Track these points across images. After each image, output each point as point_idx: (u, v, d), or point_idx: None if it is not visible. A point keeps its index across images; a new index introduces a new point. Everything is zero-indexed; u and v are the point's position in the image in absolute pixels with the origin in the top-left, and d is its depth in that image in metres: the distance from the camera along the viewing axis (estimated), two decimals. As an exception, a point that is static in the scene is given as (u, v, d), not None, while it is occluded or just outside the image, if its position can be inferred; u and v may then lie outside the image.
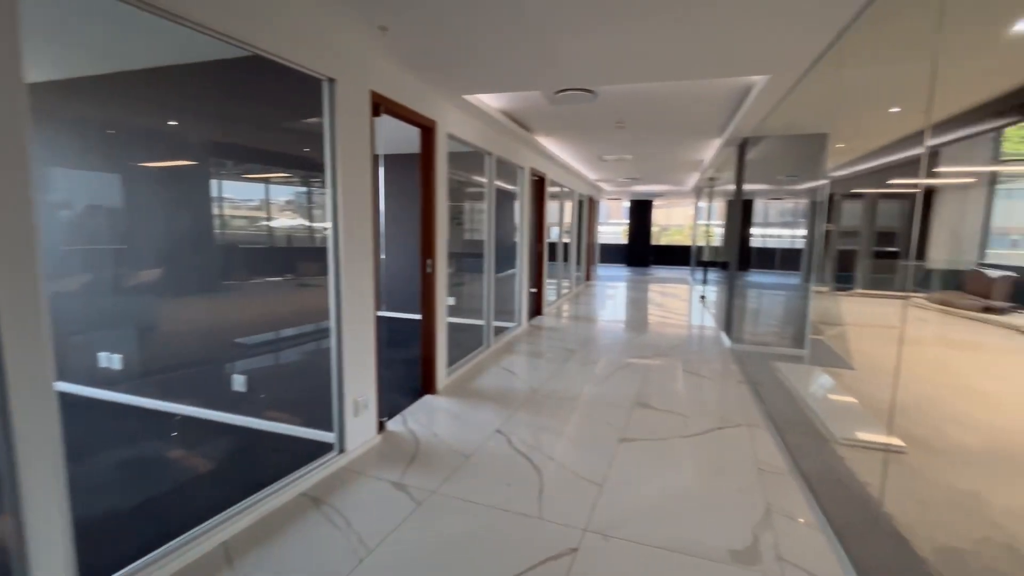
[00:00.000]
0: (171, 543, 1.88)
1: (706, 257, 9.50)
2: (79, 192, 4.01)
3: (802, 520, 2.20)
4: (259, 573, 1.83)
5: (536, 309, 6.85)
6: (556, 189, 7.99)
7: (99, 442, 3.05)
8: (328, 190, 2.50)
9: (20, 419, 1.37)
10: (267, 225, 5.01)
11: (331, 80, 2.42)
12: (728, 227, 6.18)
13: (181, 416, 3.40)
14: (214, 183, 4.18)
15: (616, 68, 3.03)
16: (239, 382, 3.44)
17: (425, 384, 3.76)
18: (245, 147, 4.52)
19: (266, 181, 4.98)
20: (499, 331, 5.41)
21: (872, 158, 5.72)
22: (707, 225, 9.97)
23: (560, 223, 8.57)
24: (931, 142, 2.26)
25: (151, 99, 3.62)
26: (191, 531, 1.95)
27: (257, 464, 2.82)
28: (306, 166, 4.57)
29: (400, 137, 5.04)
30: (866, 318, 6.50)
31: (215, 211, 4.16)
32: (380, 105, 2.82)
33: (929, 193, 5.46)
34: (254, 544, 1.99)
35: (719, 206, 8.43)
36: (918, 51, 2.73)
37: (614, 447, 2.90)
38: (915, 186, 2.12)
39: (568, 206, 9.11)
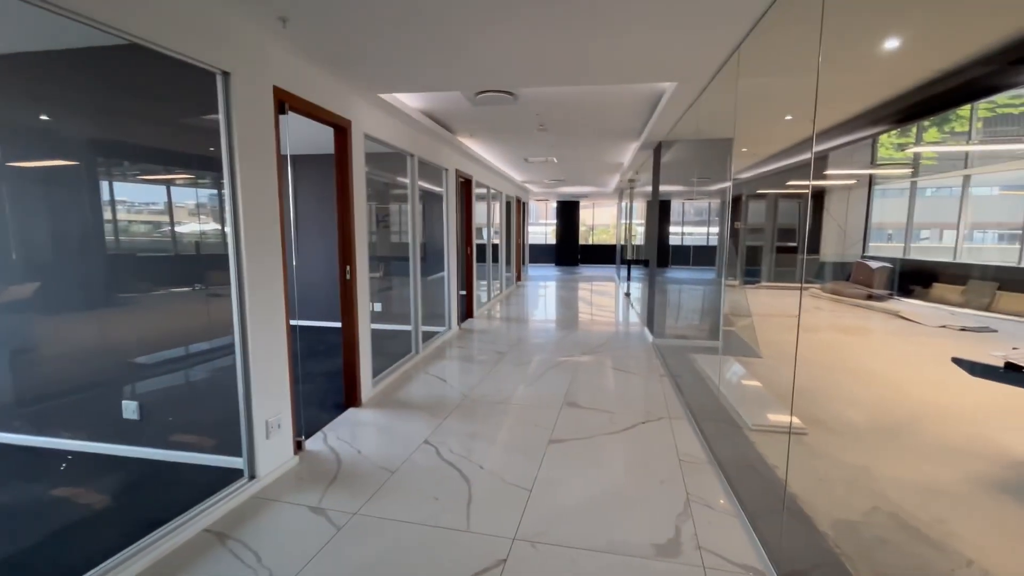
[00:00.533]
0: (38, 604, 1.63)
1: (630, 256, 9.89)
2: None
3: (722, 502, 2.30)
4: (150, 626, 1.63)
5: (467, 312, 6.78)
6: (483, 191, 7.97)
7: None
8: (227, 192, 2.29)
9: None
10: (171, 231, 4.57)
11: (225, 73, 2.21)
12: (648, 226, 6.45)
13: (66, 452, 2.99)
14: (104, 185, 3.74)
15: (531, 71, 3.03)
16: (132, 408, 3.08)
17: (348, 397, 3.58)
18: (140, 146, 4.07)
19: (168, 183, 4.53)
20: (428, 336, 5.28)
21: (772, 161, 6.21)
22: (629, 225, 10.38)
23: (489, 224, 8.55)
24: (818, 148, 2.46)
25: (14, 89, 3.16)
26: (65, 587, 1.70)
27: (153, 500, 2.53)
28: (215, 167, 4.21)
29: (321, 137, 4.78)
30: (770, 308, 7.05)
31: (106, 216, 3.72)
32: (285, 102, 2.63)
33: (821, 193, 6.02)
34: (145, 593, 1.77)
35: (639, 206, 8.80)
36: (805, 64, 2.98)
37: (543, 449, 2.90)
38: (805, 187, 2.29)
39: (496, 207, 9.12)
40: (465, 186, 6.54)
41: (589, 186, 12.01)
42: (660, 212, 5.81)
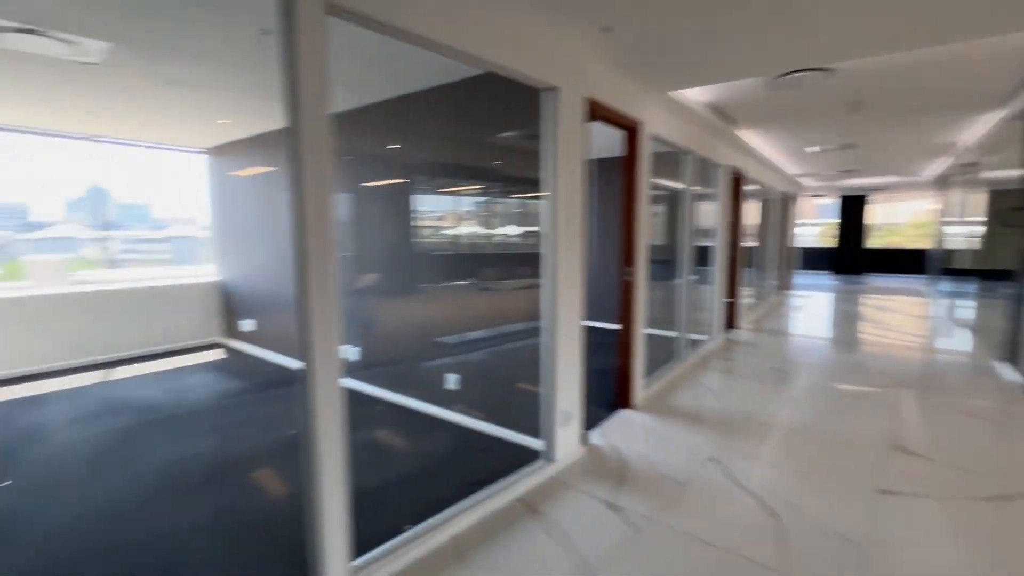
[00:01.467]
0: (410, 532, 2.03)
1: (960, 264, 7.54)
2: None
3: None
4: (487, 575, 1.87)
5: (730, 321, 6.19)
6: (752, 187, 7.15)
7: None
8: (547, 198, 2.51)
9: (320, 404, 1.58)
10: (453, 233, 5.40)
11: (552, 88, 2.42)
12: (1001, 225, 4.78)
13: (386, 403, 3.79)
14: (416, 197, 4.65)
15: (880, 35, 2.48)
16: (450, 380, 3.71)
17: (620, 398, 3.60)
18: (445, 164, 4.92)
19: (456, 194, 5.36)
20: (690, 344, 4.98)
21: None
22: (960, 223, 7.92)
23: (757, 225, 7.65)
24: None
25: (380, 128, 4.16)
26: (427, 522, 2.09)
27: (470, 462, 2.97)
28: (493, 177, 4.80)
29: (594, 142, 4.98)
30: None
31: (414, 222, 4.62)
32: (593, 110, 2.75)
33: None
34: (479, 544, 2.05)
35: (977, 198, 6.62)
36: None
37: (870, 498, 2.36)
38: None
39: (762, 206, 8.09)
40: (735, 183, 5.96)
41: (889, 175, 9.67)
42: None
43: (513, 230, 5.32)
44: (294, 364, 4.62)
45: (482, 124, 4.00)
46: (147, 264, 6.76)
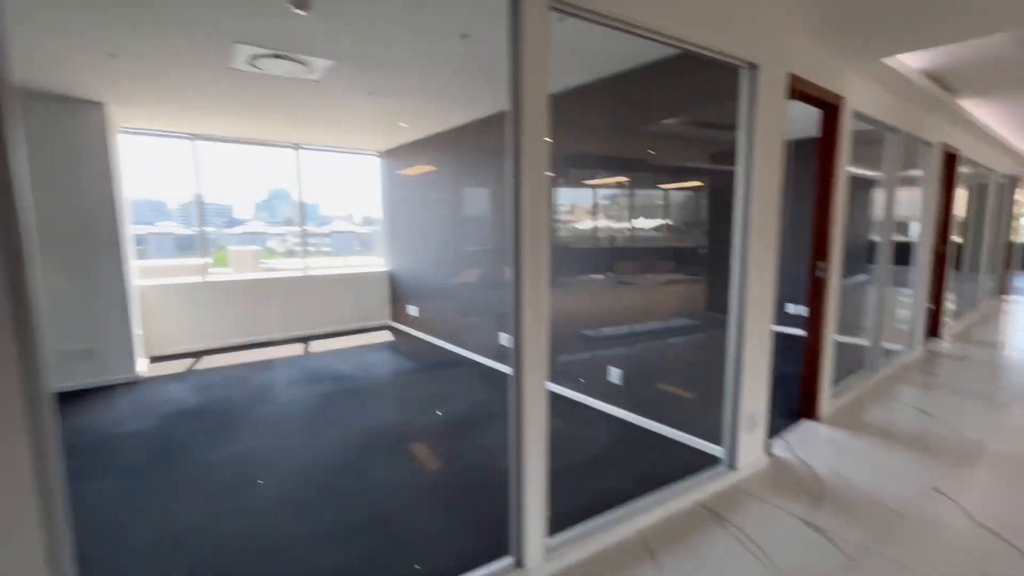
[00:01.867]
0: (598, 520, 2.04)
1: None
2: (472, 206, 5.05)
3: None
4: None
5: (932, 330, 5.22)
6: (965, 170, 5.92)
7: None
8: (740, 185, 2.32)
9: (528, 402, 1.66)
10: (590, 226, 5.28)
11: (752, 66, 2.23)
12: None
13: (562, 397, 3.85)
14: (558, 190, 4.66)
15: None
16: (609, 373, 3.67)
17: (804, 407, 3.23)
18: (594, 155, 4.85)
19: (599, 186, 5.24)
20: (884, 354, 4.30)
21: None
22: None
23: (967, 216, 6.33)
24: None
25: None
26: (611, 513, 2.08)
27: (636, 458, 2.90)
28: (642, 168, 4.59)
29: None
30: None
31: (554, 216, 4.62)
32: (793, 86, 2.48)
33: None
34: (668, 545, 1.98)
35: None
36: None
37: None
38: None
39: (975, 192, 6.65)
40: (947, 164, 4.98)
41: None
42: None
43: (651, 223, 5.08)
44: (449, 347, 4.92)
45: (641, 114, 3.88)
46: (314, 256, 7.78)
